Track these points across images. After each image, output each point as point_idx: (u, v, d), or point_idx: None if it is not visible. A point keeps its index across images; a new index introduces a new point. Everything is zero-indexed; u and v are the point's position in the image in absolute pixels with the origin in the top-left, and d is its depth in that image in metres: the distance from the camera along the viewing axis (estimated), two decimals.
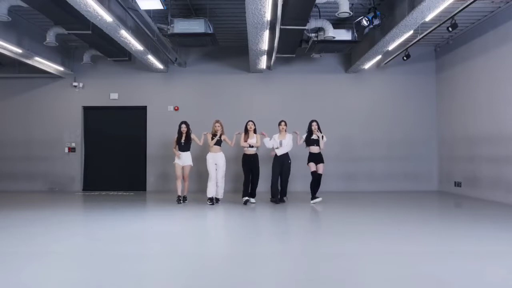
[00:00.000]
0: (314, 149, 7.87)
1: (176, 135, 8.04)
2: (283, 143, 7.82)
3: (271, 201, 7.85)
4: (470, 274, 3.33)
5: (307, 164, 7.90)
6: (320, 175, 7.83)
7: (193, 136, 8.00)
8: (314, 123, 7.89)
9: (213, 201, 7.72)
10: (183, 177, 7.93)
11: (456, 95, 9.66)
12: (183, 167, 7.91)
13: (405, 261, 3.72)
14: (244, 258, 3.91)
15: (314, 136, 7.83)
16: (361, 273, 3.40)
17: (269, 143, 7.96)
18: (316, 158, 7.85)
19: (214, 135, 7.88)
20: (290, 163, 7.88)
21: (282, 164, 7.80)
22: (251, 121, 8.03)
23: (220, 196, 7.88)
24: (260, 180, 8.04)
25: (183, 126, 7.94)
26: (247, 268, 3.58)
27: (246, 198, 7.79)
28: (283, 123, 7.98)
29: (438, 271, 3.33)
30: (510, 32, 7.70)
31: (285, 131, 7.95)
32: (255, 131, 7.98)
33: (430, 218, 6.47)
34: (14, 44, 8.09)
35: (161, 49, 8.68)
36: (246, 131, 7.95)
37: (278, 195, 7.81)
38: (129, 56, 9.68)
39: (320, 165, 7.85)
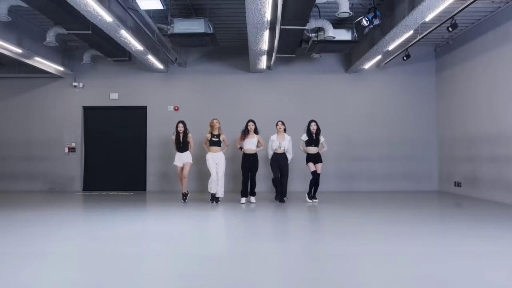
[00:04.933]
0: (312, 149, 7.88)
1: (173, 136, 8.10)
2: (282, 144, 7.81)
3: (276, 198, 7.77)
4: (470, 274, 3.32)
5: (306, 164, 7.91)
6: (318, 174, 7.83)
7: (190, 136, 8.03)
8: (313, 124, 7.88)
9: (215, 198, 7.76)
10: (183, 174, 7.98)
11: (456, 95, 9.66)
12: (184, 165, 7.96)
13: (405, 261, 3.72)
14: (244, 258, 3.90)
15: (314, 137, 7.83)
16: (361, 273, 3.40)
17: (272, 146, 7.93)
18: (314, 158, 7.86)
19: (212, 135, 7.86)
20: (288, 164, 7.86)
21: (279, 163, 7.77)
22: (252, 120, 7.99)
23: (220, 195, 7.85)
24: (260, 180, 8.05)
25: (180, 125, 8.03)
26: (247, 268, 3.58)
27: (245, 198, 7.85)
28: (280, 123, 7.94)
29: (438, 271, 3.33)
30: (510, 32, 7.69)
31: (284, 131, 7.91)
32: (255, 131, 7.93)
33: (430, 218, 6.47)
34: (14, 44, 8.09)
35: (161, 49, 8.68)
36: (247, 131, 7.89)
37: (281, 193, 7.77)
38: (129, 56, 9.68)
39: (319, 165, 7.85)
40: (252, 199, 7.92)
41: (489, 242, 4.53)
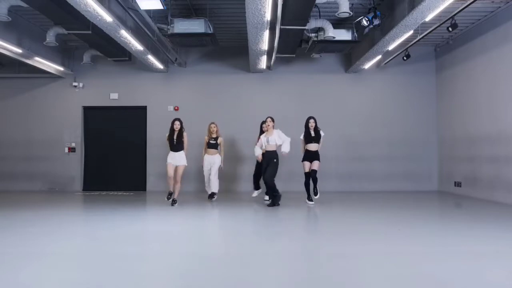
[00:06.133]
0: (312, 146, 7.66)
1: (167, 134, 7.69)
2: (270, 140, 7.36)
3: (268, 205, 7.38)
4: (470, 274, 3.32)
5: (302, 161, 7.73)
6: (314, 171, 7.54)
7: (185, 135, 7.59)
8: (311, 120, 7.69)
9: (210, 195, 8.13)
10: (175, 178, 7.49)
11: (456, 95, 9.66)
12: (176, 167, 7.50)
13: (405, 261, 3.72)
14: (244, 258, 3.90)
15: (312, 134, 7.63)
16: (361, 273, 3.40)
17: (259, 147, 7.60)
18: (312, 156, 7.63)
19: (210, 138, 8.01)
20: (276, 162, 7.30)
21: (268, 161, 7.35)
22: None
23: (214, 190, 8.07)
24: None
25: (177, 122, 7.53)
26: (247, 268, 3.58)
27: (256, 190, 8.16)
28: (268, 120, 7.46)
29: (438, 271, 3.33)
30: (510, 32, 7.70)
31: (273, 127, 7.47)
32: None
33: (430, 218, 6.47)
34: (14, 44, 8.09)
35: (161, 49, 8.68)
36: (262, 133, 7.92)
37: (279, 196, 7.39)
38: (129, 56, 9.68)
39: (316, 162, 7.59)
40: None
41: (489, 242, 4.54)
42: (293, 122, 8.88)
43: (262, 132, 7.98)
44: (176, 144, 7.53)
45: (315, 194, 7.72)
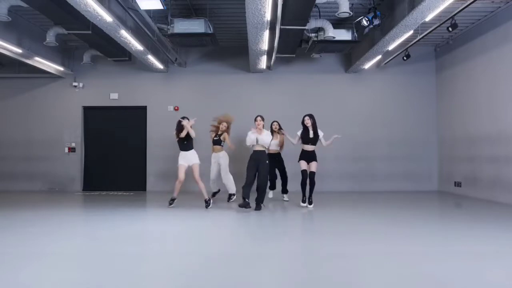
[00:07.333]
0: (308, 147, 7.32)
1: (174, 131, 7.26)
2: (259, 139, 6.91)
3: (239, 205, 6.72)
4: (470, 274, 3.32)
5: (298, 161, 7.34)
6: (313, 173, 7.16)
7: (189, 128, 7.11)
8: (306, 118, 7.31)
9: (215, 195, 8.22)
10: (195, 179, 7.18)
11: (456, 95, 9.66)
12: (192, 167, 7.21)
13: (405, 261, 3.72)
14: (244, 258, 3.90)
15: (310, 135, 7.28)
16: (361, 273, 3.40)
17: (249, 141, 7.06)
18: (308, 156, 7.27)
19: (216, 134, 8.10)
20: (268, 163, 6.92)
21: (258, 162, 6.83)
22: (275, 121, 8.25)
23: (231, 191, 8.06)
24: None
25: (185, 121, 7.18)
26: (247, 268, 3.58)
27: (272, 191, 8.34)
28: (258, 118, 7.02)
29: (438, 271, 3.33)
30: (510, 32, 7.70)
31: (262, 126, 7.06)
32: (279, 131, 8.10)
33: (430, 218, 6.47)
34: (14, 44, 8.09)
35: (161, 49, 8.68)
36: (272, 132, 8.01)
37: (248, 199, 6.69)
38: (129, 56, 9.68)
39: (313, 163, 7.21)
40: (285, 196, 8.24)
41: (489, 242, 4.54)
42: (293, 122, 8.85)
43: (272, 131, 8.01)
44: (186, 143, 7.22)
45: (310, 203, 7.25)
